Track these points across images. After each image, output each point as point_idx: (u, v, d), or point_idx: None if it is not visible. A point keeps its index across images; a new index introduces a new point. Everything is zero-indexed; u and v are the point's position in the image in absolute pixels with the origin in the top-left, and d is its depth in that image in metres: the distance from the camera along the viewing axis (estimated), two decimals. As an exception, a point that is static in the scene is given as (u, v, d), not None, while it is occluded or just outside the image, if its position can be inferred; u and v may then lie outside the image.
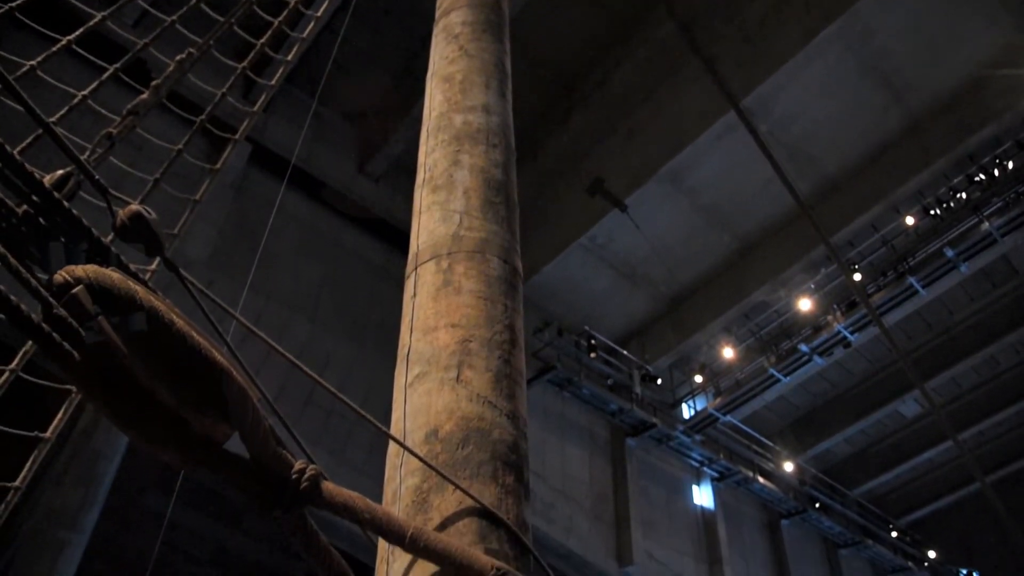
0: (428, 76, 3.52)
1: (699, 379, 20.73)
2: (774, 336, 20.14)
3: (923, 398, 18.89)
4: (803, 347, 18.49)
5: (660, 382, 19.87)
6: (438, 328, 2.33)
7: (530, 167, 18.20)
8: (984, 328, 21.07)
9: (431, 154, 3.03)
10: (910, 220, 17.41)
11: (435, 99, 3.30)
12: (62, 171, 1.70)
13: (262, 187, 15.31)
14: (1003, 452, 24.01)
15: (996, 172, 16.27)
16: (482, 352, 2.27)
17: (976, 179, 16.53)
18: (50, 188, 1.51)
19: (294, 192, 16.07)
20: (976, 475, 10.44)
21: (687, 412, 20.66)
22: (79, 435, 11.24)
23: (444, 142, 3.02)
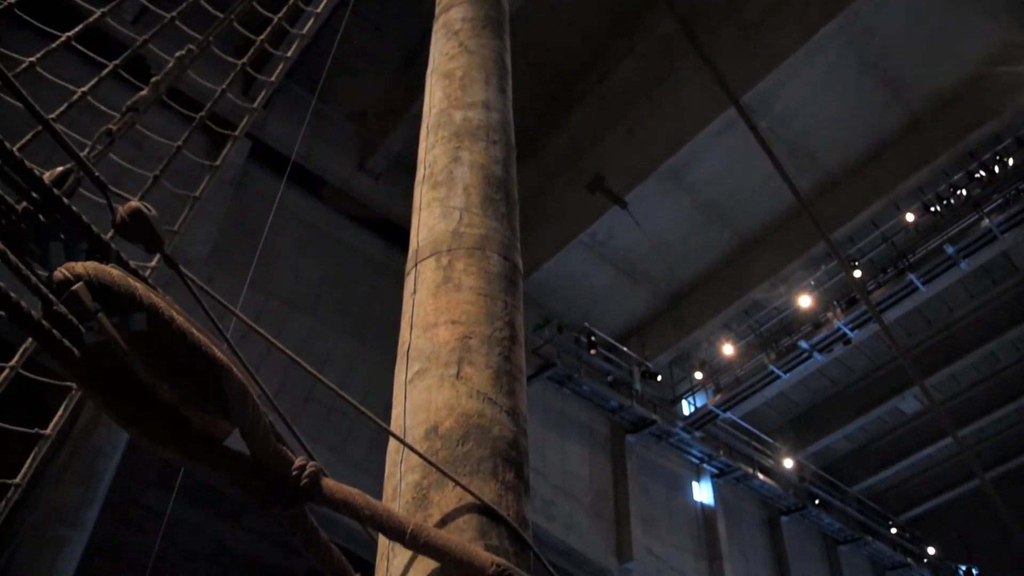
0: (428, 72, 3.52)
1: (699, 376, 20.75)
2: (774, 333, 20.15)
3: (923, 395, 18.90)
4: (803, 344, 18.50)
5: (660, 379, 19.87)
6: (438, 325, 2.33)
7: (530, 163, 18.19)
8: (984, 325, 21.07)
9: (431, 151, 3.02)
10: (910, 217, 17.40)
11: (435, 95, 3.30)
12: (62, 168, 1.69)
13: (262, 184, 15.30)
14: (1003, 449, 24.02)
15: (996, 169, 16.26)
16: (482, 349, 2.27)
17: (976, 176, 16.53)
18: (50, 185, 1.51)
19: (294, 189, 16.06)
20: (976, 472, 10.44)
21: (687, 409, 20.67)
22: (79, 432, 11.24)
23: (444, 138, 3.02)
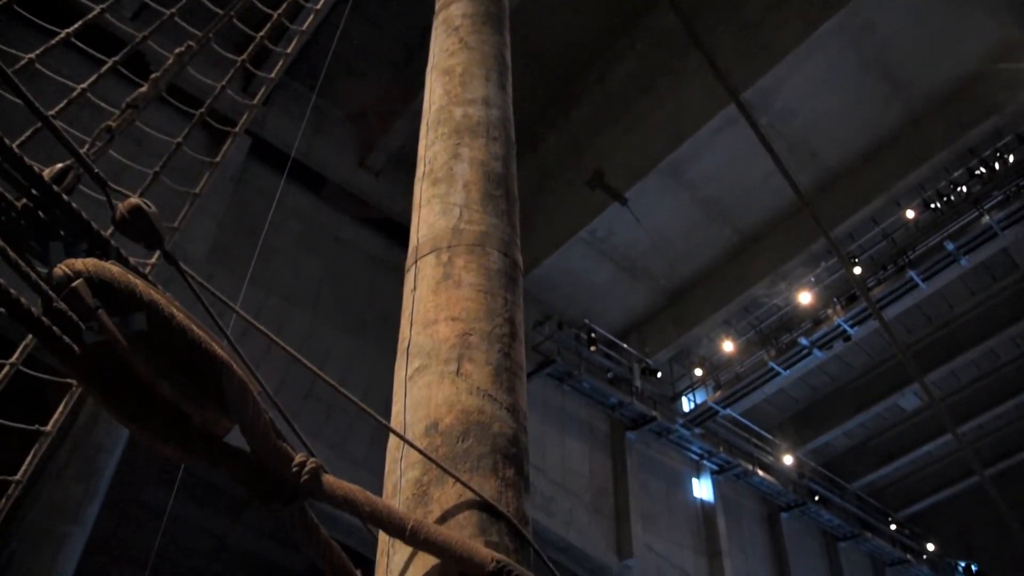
0: (428, 69, 3.51)
1: (699, 372, 20.76)
2: (774, 329, 20.16)
3: (923, 391, 18.92)
4: (803, 340, 18.51)
5: (660, 375, 19.88)
6: (438, 321, 2.33)
7: (530, 160, 18.18)
8: (984, 321, 21.08)
9: (431, 147, 3.02)
10: (910, 213, 17.40)
11: (435, 92, 3.29)
12: (61, 164, 1.69)
13: (262, 180, 15.30)
14: (1003, 445, 24.04)
15: (996, 166, 16.25)
16: (482, 345, 2.27)
17: (976, 173, 16.52)
18: (49, 181, 1.51)
19: (294, 186, 16.05)
20: (975, 468, 10.45)
21: (687, 405, 20.68)
22: (80, 429, 11.25)
23: (444, 135, 3.02)
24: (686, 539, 19.04)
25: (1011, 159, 16.08)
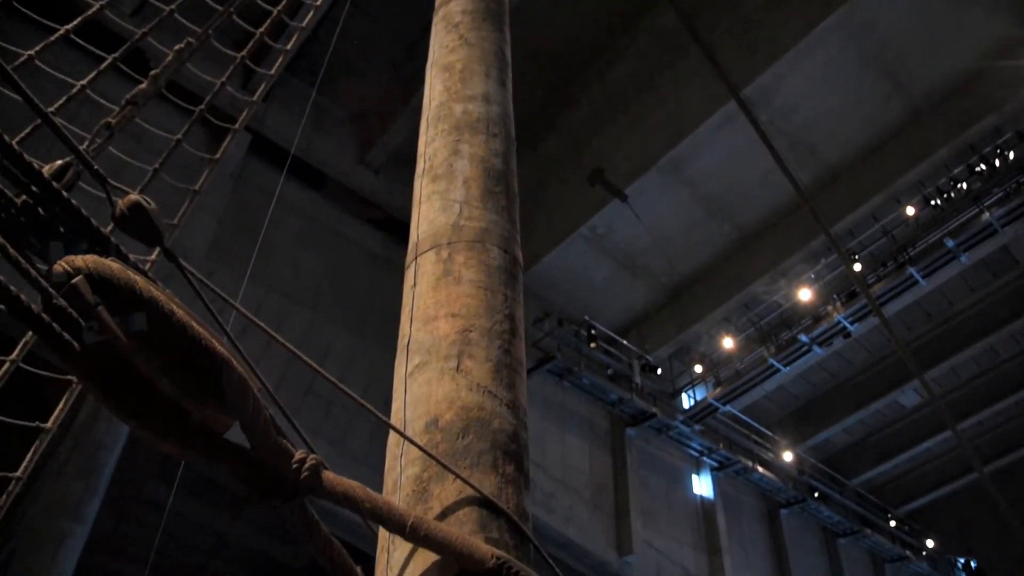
0: (428, 65, 3.51)
1: (699, 369, 20.76)
2: (774, 326, 20.16)
3: (923, 388, 18.91)
4: (803, 337, 18.51)
5: (660, 372, 19.88)
6: (438, 318, 2.33)
7: (530, 157, 18.17)
8: (984, 318, 21.08)
9: (431, 144, 3.02)
10: (911, 210, 17.38)
11: (435, 88, 3.29)
12: (61, 161, 1.69)
13: (262, 177, 15.29)
14: (1002, 442, 24.05)
15: (997, 162, 16.24)
16: (482, 342, 2.27)
17: (977, 169, 16.50)
18: (49, 178, 1.50)
19: (294, 182, 16.05)
20: (975, 465, 10.46)
21: (687, 402, 20.70)
22: (80, 426, 11.26)
23: (444, 131, 3.02)
24: (686, 535, 19.06)
25: (1011, 156, 16.07)
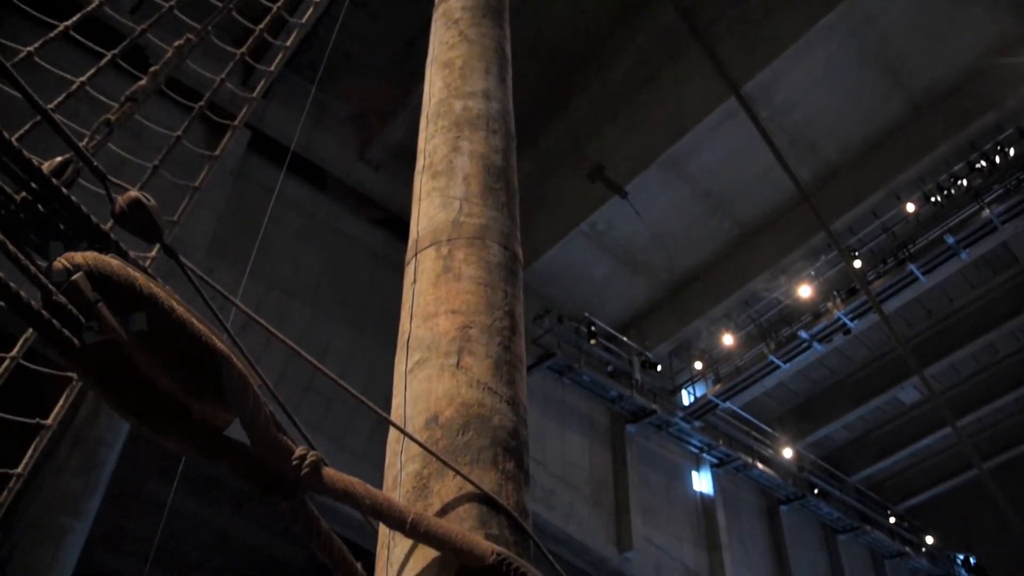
0: (428, 62, 3.50)
1: (699, 366, 20.78)
2: (774, 323, 20.16)
3: (922, 385, 18.91)
4: (803, 334, 18.51)
5: (660, 369, 19.90)
6: (438, 314, 2.33)
7: (530, 153, 18.15)
8: (984, 315, 21.08)
9: (431, 140, 3.02)
10: (911, 207, 17.37)
11: (435, 85, 3.29)
12: (61, 158, 1.69)
13: (261, 174, 15.28)
14: (1002, 438, 24.07)
15: (997, 159, 16.23)
16: (482, 338, 2.27)
17: (977, 166, 16.49)
18: (49, 175, 1.50)
19: (294, 179, 16.04)
20: (974, 461, 10.47)
21: (687, 399, 20.71)
22: (81, 423, 11.27)
23: (444, 128, 3.01)
24: (686, 532, 19.08)
25: (1012, 152, 16.06)
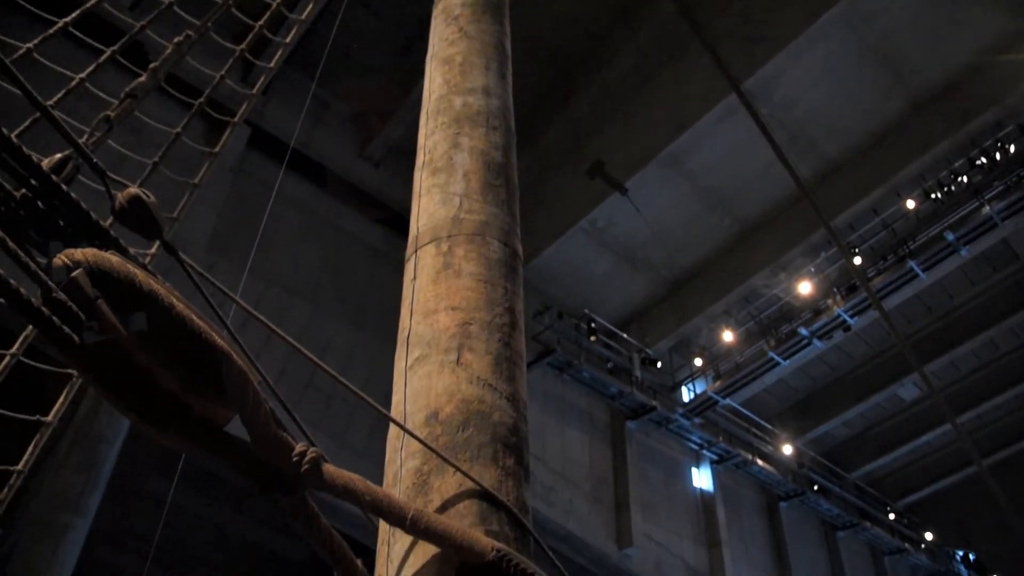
0: (428, 58, 3.50)
1: (699, 362, 20.78)
2: (774, 319, 20.16)
3: (922, 382, 18.93)
4: (803, 330, 18.51)
5: (660, 365, 19.90)
6: (438, 311, 2.33)
7: (530, 150, 18.14)
8: (984, 312, 21.08)
9: (431, 137, 3.01)
10: (911, 204, 17.36)
11: (435, 81, 3.28)
12: (60, 155, 1.69)
13: (261, 171, 15.27)
14: (1002, 435, 24.08)
15: (997, 156, 16.21)
16: (482, 335, 2.27)
17: (977, 163, 16.48)
18: (48, 172, 1.50)
19: (293, 176, 16.03)
20: (974, 458, 10.47)
21: (687, 395, 20.71)
22: (81, 419, 11.28)
23: (444, 124, 3.01)
24: (686, 528, 19.10)
25: (1012, 149, 16.04)
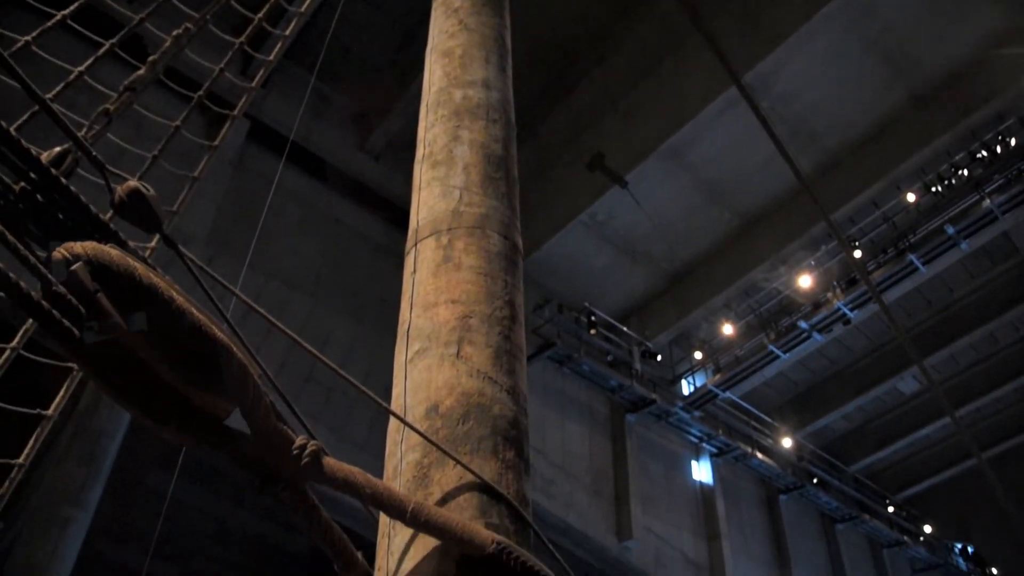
0: (427, 51, 3.49)
1: (699, 355, 20.78)
2: (774, 313, 20.16)
3: (922, 375, 18.95)
4: (802, 324, 18.52)
5: (660, 358, 19.91)
6: (438, 304, 2.33)
7: (530, 143, 18.11)
8: (984, 305, 21.08)
9: (431, 129, 3.01)
10: (911, 197, 17.33)
11: (435, 74, 3.27)
12: (59, 148, 1.69)
13: (261, 164, 15.25)
14: (1001, 428, 24.12)
15: (998, 149, 16.18)
16: (482, 328, 2.27)
17: (978, 156, 16.45)
18: (47, 165, 1.50)
19: (293, 169, 16.00)
20: (973, 451, 10.49)
21: (686, 388, 20.74)
22: (81, 413, 11.29)
23: (444, 117, 3.00)
24: (685, 521, 19.15)
25: (1012, 142, 16.01)
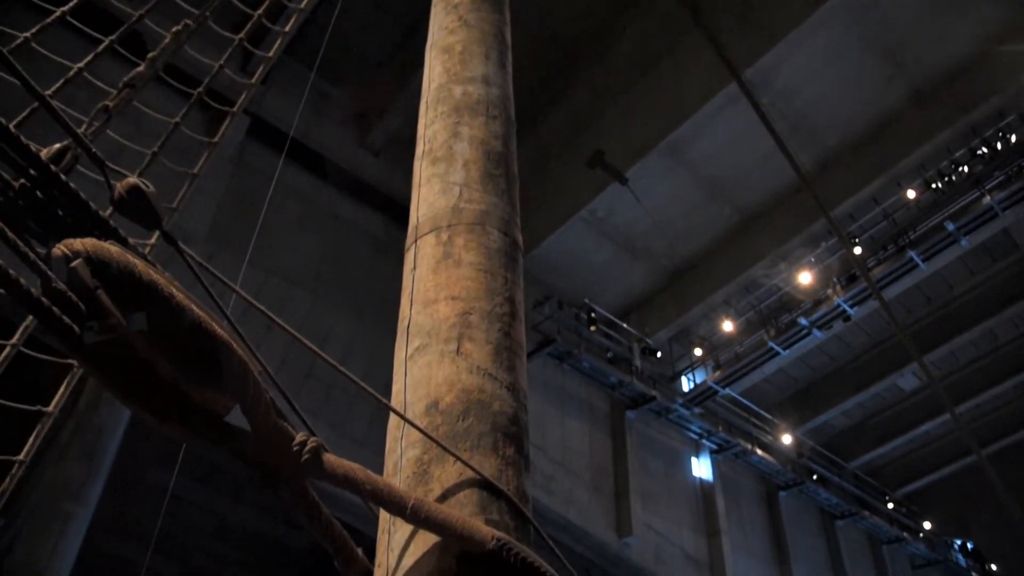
0: (427, 47, 3.48)
1: (699, 352, 20.79)
2: (774, 309, 20.17)
3: (922, 371, 18.95)
4: (802, 320, 18.52)
5: (660, 355, 19.92)
6: (438, 301, 2.33)
7: (530, 139, 18.09)
8: (983, 302, 21.08)
9: (431, 126, 3.00)
10: (911, 193, 17.32)
11: (434, 70, 3.27)
12: (59, 145, 1.69)
13: (261, 160, 15.24)
14: (1000, 425, 24.14)
15: (999, 145, 16.17)
16: (482, 324, 2.27)
17: (978, 152, 16.44)
18: (47, 162, 1.50)
19: (293, 165, 15.99)
20: (972, 448, 10.50)
21: (686, 385, 20.75)
22: (82, 410, 11.30)
23: (444, 114, 3.00)
24: (685, 518, 19.17)
25: (1013, 139, 16.00)
